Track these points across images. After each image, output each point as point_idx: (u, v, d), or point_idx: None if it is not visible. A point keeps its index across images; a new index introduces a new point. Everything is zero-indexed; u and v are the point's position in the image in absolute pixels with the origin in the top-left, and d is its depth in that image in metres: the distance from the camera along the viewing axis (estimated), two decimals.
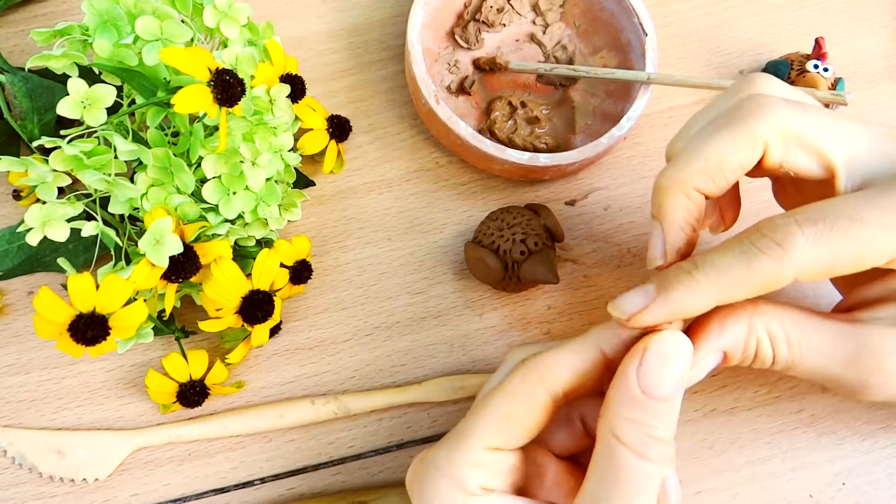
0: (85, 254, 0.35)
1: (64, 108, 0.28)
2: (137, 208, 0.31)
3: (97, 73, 0.31)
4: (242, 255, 0.34)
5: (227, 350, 0.35)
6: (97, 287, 0.28)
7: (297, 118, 0.36)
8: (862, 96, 0.43)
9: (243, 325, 0.33)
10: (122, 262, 0.31)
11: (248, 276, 0.32)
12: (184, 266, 0.30)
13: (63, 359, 0.36)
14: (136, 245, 0.29)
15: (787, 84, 0.29)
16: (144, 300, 0.30)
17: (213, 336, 0.37)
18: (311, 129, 0.37)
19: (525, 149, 0.39)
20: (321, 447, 0.36)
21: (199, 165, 0.31)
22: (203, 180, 0.31)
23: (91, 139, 0.29)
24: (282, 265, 0.34)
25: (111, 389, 0.36)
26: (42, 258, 0.35)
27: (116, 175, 0.30)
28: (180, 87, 0.27)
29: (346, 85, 0.42)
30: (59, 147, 0.28)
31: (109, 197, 0.31)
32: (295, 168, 0.36)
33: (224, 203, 0.31)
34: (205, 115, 0.30)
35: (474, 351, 0.38)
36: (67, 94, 0.28)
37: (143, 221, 0.30)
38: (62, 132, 0.30)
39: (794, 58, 0.40)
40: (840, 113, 0.27)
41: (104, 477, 0.35)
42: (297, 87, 0.36)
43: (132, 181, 0.30)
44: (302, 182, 0.39)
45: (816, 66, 0.39)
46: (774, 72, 0.41)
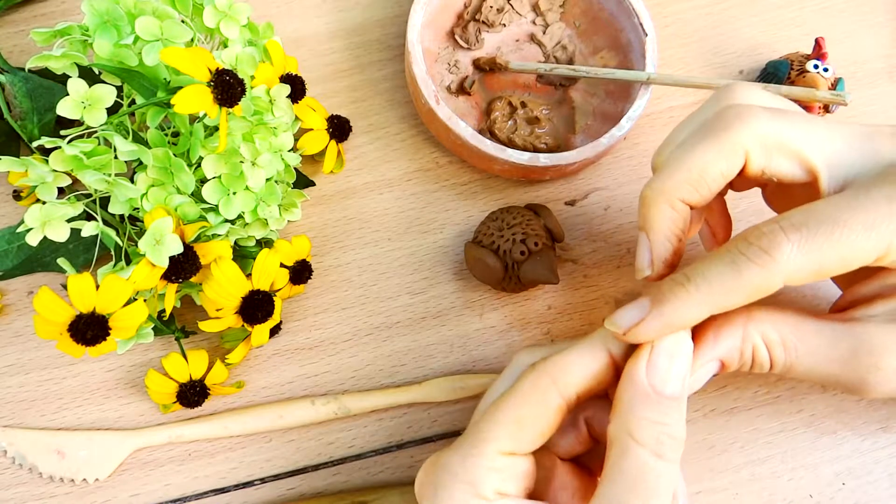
0: (85, 254, 0.35)
1: (64, 109, 0.28)
2: (137, 208, 0.31)
3: (97, 73, 0.31)
4: (242, 255, 0.34)
5: (227, 350, 0.35)
6: (97, 287, 0.28)
7: (297, 118, 0.36)
8: (862, 96, 0.43)
9: (243, 325, 0.33)
10: (122, 263, 0.31)
11: (248, 276, 0.32)
12: (184, 266, 0.30)
13: (63, 359, 0.36)
14: (136, 245, 0.29)
15: (766, 92, 0.29)
16: (144, 300, 0.30)
17: (213, 336, 0.37)
18: (311, 130, 0.37)
19: (525, 149, 0.39)
20: (321, 447, 0.36)
21: (199, 165, 0.31)
22: (203, 180, 0.31)
23: (91, 139, 0.29)
24: (282, 265, 0.34)
25: (111, 389, 0.36)
26: (42, 258, 0.35)
27: (116, 175, 0.30)
28: (180, 88, 0.27)
29: (346, 85, 0.42)
30: (59, 147, 0.28)
31: (109, 197, 0.31)
32: (295, 168, 0.36)
33: (224, 203, 0.31)
34: (205, 115, 0.30)
35: (474, 351, 0.38)
36: (67, 94, 0.28)
37: (143, 221, 0.30)
38: (62, 132, 0.30)
39: (794, 58, 0.40)
40: (817, 117, 0.27)
41: (104, 477, 0.35)
42: (297, 88, 0.36)
43: (132, 181, 0.30)
44: (302, 182, 0.39)
45: (816, 66, 0.39)
46: (774, 72, 0.41)
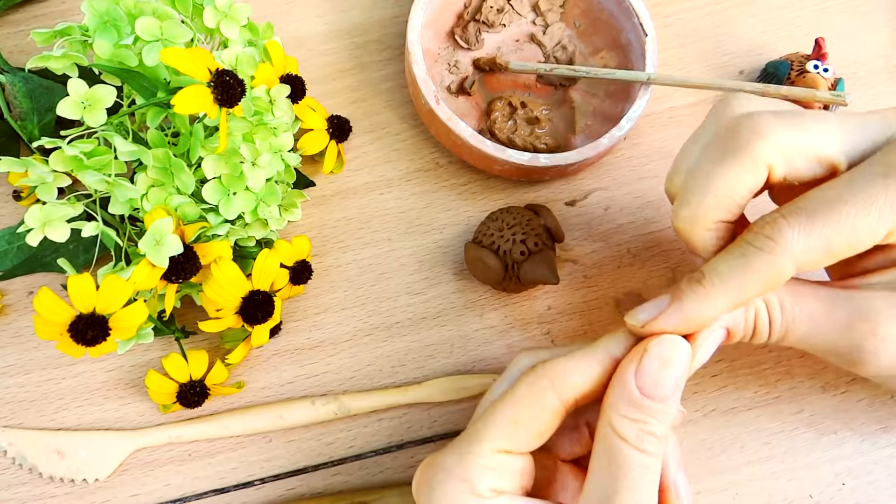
0: (85, 254, 0.35)
1: (64, 109, 0.28)
2: (137, 209, 0.31)
3: (97, 73, 0.31)
4: (242, 256, 0.34)
5: (227, 350, 0.35)
6: (97, 287, 0.28)
7: (297, 118, 0.36)
8: (862, 96, 0.43)
9: (243, 326, 0.33)
10: (123, 263, 0.31)
11: (248, 276, 0.32)
12: (184, 266, 0.30)
13: (63, 359, 0.36)
14: (137, 245, 0.29)
15: (761, 99, 0.29)
16: (144, 300, 0.30)
17: (213, 336, 0.37)
18: (311, 130, 0.37)
19: (525, 149, 0.39)
20: (321, 447, 0.36)
21: (199, 166, 0.31)
22: (203, 181, 0.31)
23: (91, 140, 0.29)
24: (282, 265, 0.34)
25: (111, 390, 0.36)
26: (42, 258, 0.35)
27: (116, 175, 0.30)
28: (180, 88, 0.27)
29: (346, 85, 0.42)
30: (59, 148, 0.28)
31: (109, 197, 0.31)
32: (295, 168, 0.36)
33: (224, 203, 0.31)
34: (205, 115, 0.30)
35: (474, 351, 0.38)
36: (67, 94, 0.28)
37: (143, 222, 0.30)
38: (62, 133, 0.30)
39: (794, 58, 0.40)
40: (822, 112, 0.27)
41: (104, 477, 0.35)
42: (297, 88, 0.36)
43: (132, 182, 0.30)
44: (302, 182, 0.39)
45: (816, 67, 0.39)
46: (774, 72, 0.41)
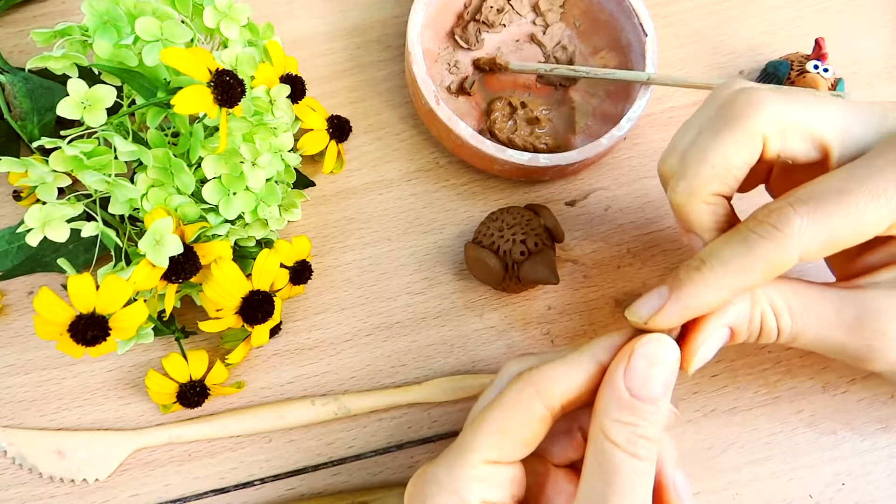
0: (85, 254, 0.35)
1: (64, 109, 0.28)
2: (137, 209, 0.31)
3: (97, 73, 0.31)
4: (242, 256, 0.34)
5: (227, 350, 0.35)
6: (97, 287, 0.28)
7: (297, 118, 0.36)
8: (862, 96, 0.43)
9: (243, 326, 0.33)
10: (122, 263, 0.31)
11: (248, 276, 0.32)
12: (184, 266, 0.30)
13: (63, 359, 0.36)
14: (136, 245, 0.29)
15: (757, 83, 0.29)
16: (144, 300, 0.30)
17: (213, 336, 0.37)
18: (311, 130, 0.37)
19: (525, 149, 0.39)
20: (321, 447, 0.36)
21: (199, 166, 0.31)
22: (203, 181, 0.31)
23: (91, 140, 0.29)
24: (282, 265, 0.34)
25: (111, 390, 0.36)
26: (42, 258, 0.35)
27: (116, 175, 0.30)
28: (180, 88, 0.27)
29: (346, 85, 0.42)
30: (59, 148, 0.28)
31: (109, 197, 0.31)
32: (295, 168, 0.36)
33: (224, 203, 0.31)
34: (205, 115, 0.30)
35: (474, 351, 0.38)
36: (67, 94, 0.28)
37: (143, 222, 0.30)
38: (62, 133, 0.30)
39: (794, 58, 0.40)
40: (824, 94, 0.27)
41: (104, 477, 0.35)
42: (297, 88, 0.36)
43: (132, 182, 0.30)
44: (302, 182, 0.39)
45: (816, 67, 0.39)
46: (774, 72, 0.41)
